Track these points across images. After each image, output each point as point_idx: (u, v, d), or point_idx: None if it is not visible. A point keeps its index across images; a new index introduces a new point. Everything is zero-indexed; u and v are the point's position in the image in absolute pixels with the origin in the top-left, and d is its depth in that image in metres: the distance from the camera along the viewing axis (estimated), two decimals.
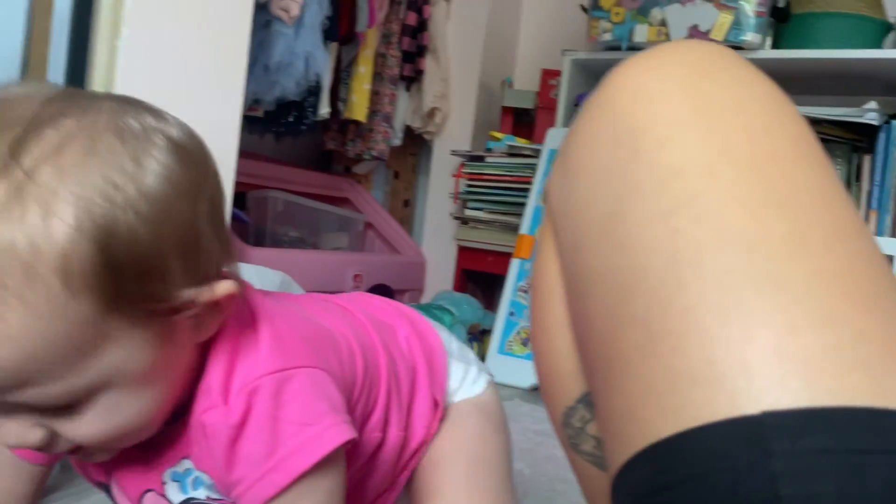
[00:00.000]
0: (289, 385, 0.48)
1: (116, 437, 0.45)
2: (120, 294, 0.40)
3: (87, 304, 0.39)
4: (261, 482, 0.47)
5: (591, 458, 0.49)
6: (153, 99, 1.88)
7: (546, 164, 2.26)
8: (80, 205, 0.38)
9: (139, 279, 0.40)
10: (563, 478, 1.23)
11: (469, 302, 2.32)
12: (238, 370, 0.48)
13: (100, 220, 0.38)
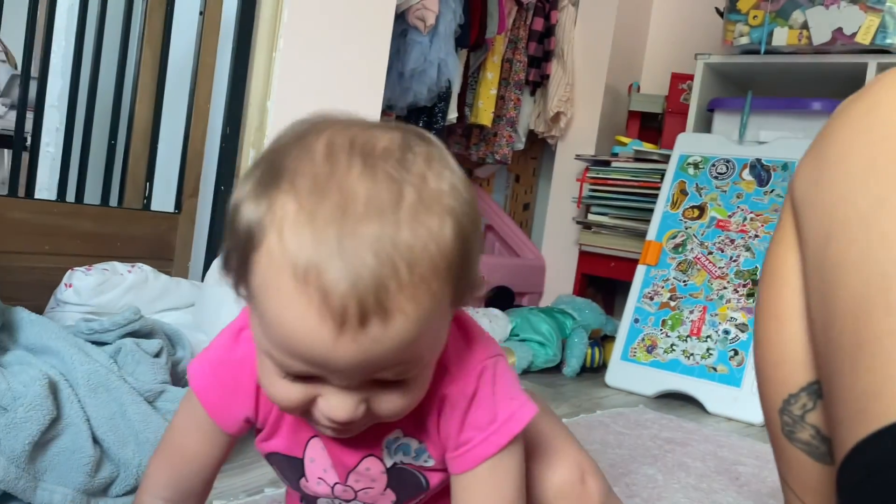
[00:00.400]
0: (497, 367, 0.58)
1: (407, 410, 0.51)
2: (459, 286, 0.47)
3: (449, 295, 0.47)
4: (485, 442, 0.57)
5: (806, 448, 0.51)
6: (304, 105, 2.03)
7: (676, 169, 2.23)
8: (453, 214, 0.45)
9: (467, 274, 0.48)
10: (696, 486, 1.23)
11: (591, 307, 2.32)
12: (467, 354, 0.58)
13: (461, 226, 0.46)
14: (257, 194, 0.45)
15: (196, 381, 0.59)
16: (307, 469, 0.61)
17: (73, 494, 0.87)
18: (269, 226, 0.43)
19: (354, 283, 0.41)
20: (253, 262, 0.44)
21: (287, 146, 0.47)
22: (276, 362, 0.47)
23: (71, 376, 0.94)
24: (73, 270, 1.33)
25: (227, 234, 0.48)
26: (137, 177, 1.55)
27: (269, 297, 0.43)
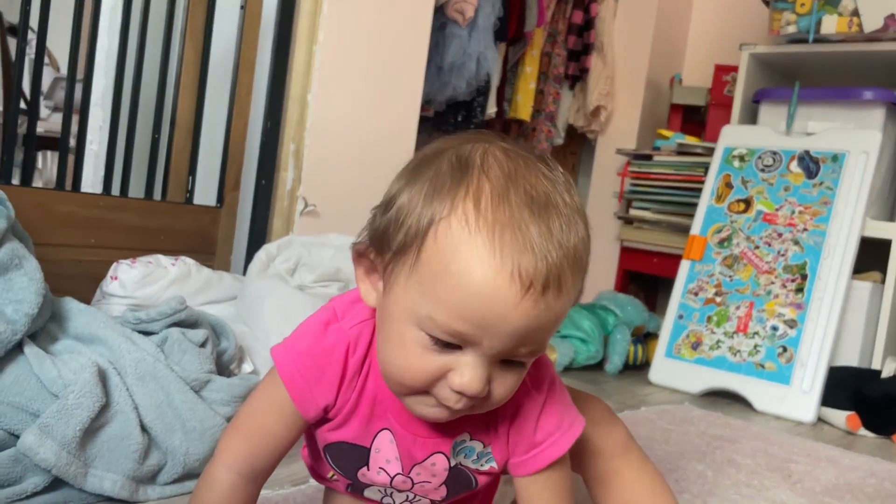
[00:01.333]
0: (557, 377, 0.66)
1: (508, 397, 0.57)
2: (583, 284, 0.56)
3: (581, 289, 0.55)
4: (554, 446, 0.64)
5: None
6: (343, 98, 2.02)
7: (720, 162, 2.18)
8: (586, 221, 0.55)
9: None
10: (747, 482, 1.20)
11: (633, 303, 2.28)
12: (537, 367, 0.64)
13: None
14: (446, 178, 0.53)
15: (283, 367, 0.61)
16: (371, 458, 0.64)
17: (122, 481, 0.87)
18: (466, 195, 0.51)
19: (545, 257, 0.50)
20: (441, 226, 0.51)
21: (451, 149, 0.55)
22: (434, 326, 0.51)
23: (119, 364, 0.95)
24: (119, 263, 1.34)
25: (387, 211, 0.55)
26: (180, 171, 1.56)
27: (460, 257, 0.50)
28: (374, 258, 0.57)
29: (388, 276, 0.55)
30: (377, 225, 0.56)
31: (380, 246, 0.55)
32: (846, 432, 1.76)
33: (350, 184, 1.76)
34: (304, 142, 1.66)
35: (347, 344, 0.61)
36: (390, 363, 0.56)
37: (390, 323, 0.55)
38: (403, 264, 0.53)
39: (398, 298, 0.53)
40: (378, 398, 0.62)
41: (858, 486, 1.28)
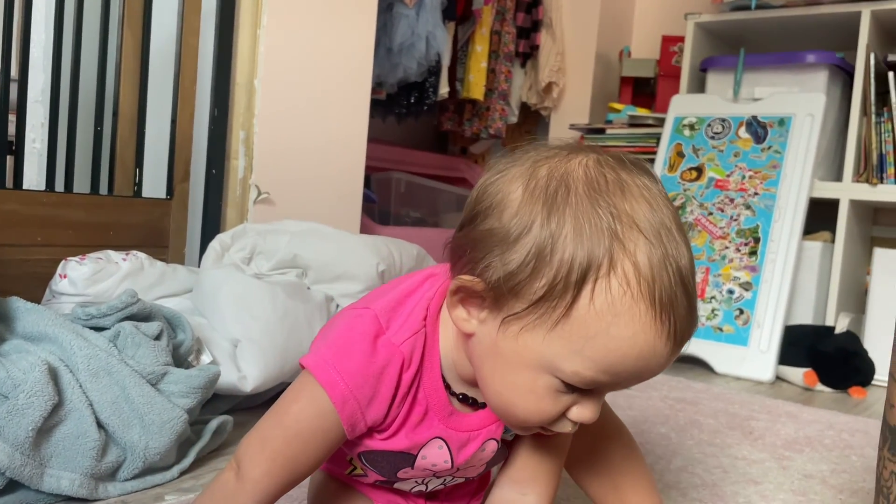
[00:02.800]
0: None
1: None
2: None
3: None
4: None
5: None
6: (292, 83, 1.99)
7: (671, 132, 2.21)
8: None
9: None
10: (709, 441, 1.22)
11: None
12: None
13: None
14: (594, 219, 0.50)
15: (334, 390, 0.57)
16: (417, 462, 0.63)
17: (80, 479, 0.85)
18: (624, 252, 0.49)
19: (690, 313, 0.51)
20: (599, 285, 0.49)
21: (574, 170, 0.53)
22: (578, 379, 0.51)
23: (70, 362, 0.92)
24: (67, 261, 1.31)
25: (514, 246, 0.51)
26: (126, 163, 1.52)
27: (622, 321, 0.49)
28: (488, 299, 0.53)
29: (511, 323, 0.52)
30: (503, 267, 0.51)
31: (504, 292, 0.51)
32: (804, 388, 1.80)
33: (303, 169, 1.74)
34: (254, 129, 1.63)
35: (402, 361, 0.58)
36: (516, 406, 0.55)
37: (515, 368, 0.53)
38: (543, 319, 0.50)
39: (532, 348, 0.52)
40: (430, 408, 0.61)
41: (817, 438, 1.31)
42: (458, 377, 0.61)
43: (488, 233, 0.52)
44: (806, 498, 1.00)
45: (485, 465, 0.68)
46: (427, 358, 0.59)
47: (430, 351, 0.59)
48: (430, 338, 0.59)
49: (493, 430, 0.64)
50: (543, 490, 0.67)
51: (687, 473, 1.06)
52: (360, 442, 0.61)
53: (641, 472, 0.76)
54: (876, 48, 2.04)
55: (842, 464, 1.17)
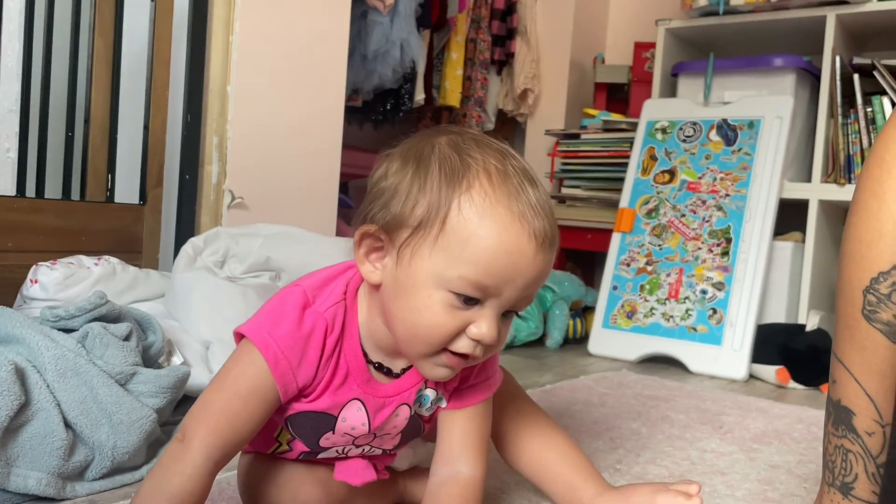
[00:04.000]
0: None
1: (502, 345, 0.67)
2: None
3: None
4: (487, 385, 0.75)
5: (885, 328, 0.53)
6: (265, 89, 1.99)
7: (644, 135, 2.24)
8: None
9: None
10: (679, 436, 1.23)
11: (570, 279, 2.32)
12: None
13: None
14: (455, 161, 0.62)
15: (267, 351, 0.64)
16: (338, 425, 0.70)
17: (47, 479, 0.85)
18: (478, 173, 0.61)
19: (545, 218, 0.61)
20: (463, 199, 0.60)
21: (440, 138, 0.64)
22: (465, 284, 0.60)
23: (38, 362, 0.92)
24: (38, 265, 1.30)
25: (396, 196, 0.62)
26: (98, 169, 1.52)
27: (486, 223, 0.59)
28: (383, 238, 0.63)
29: (403, 251, 0.62)
30: (389, 209, 0.62)
31: (393, 226, 0.62)
32: (776, 386, 1.83)
33: (278, 175, 1.75)
34: (227, 134, 1.63)
35: (326, 326, 0.66)
36: (418, 325, 0.62)
37: (414, 291, 0.61)
38: (426, 237, 0.60)
39: (422, 266, 0.61)
40: (350, 372, 0.68)
41: (786, 431, 1.33)
42: (375, 346, 0.69)
43: (377, 192, 0.64)
44: (771, 487, 1.02)
45: (399, 436, 0.74)
46: (347, 326, 0.68)
47: (350, 321, 0.68)
48: (350, 310, 0.68)
49: (405, 396, 0.71)
50: (473, 462, 0.73)
51: (654, 465, 1.08)
52: (288, 406, 0.68)
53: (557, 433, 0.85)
54: (842, 51, 2.09)
55: (808, 454, 1.19)
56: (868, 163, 0.56)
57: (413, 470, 0.88)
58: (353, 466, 0.74)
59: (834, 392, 0.58)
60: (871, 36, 2.23)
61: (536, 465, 0.83)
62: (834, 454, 0.59)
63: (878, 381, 0.54)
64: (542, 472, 0.83)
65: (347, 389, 0.68)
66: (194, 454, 0.62)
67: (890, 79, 1.99)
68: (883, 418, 0.55)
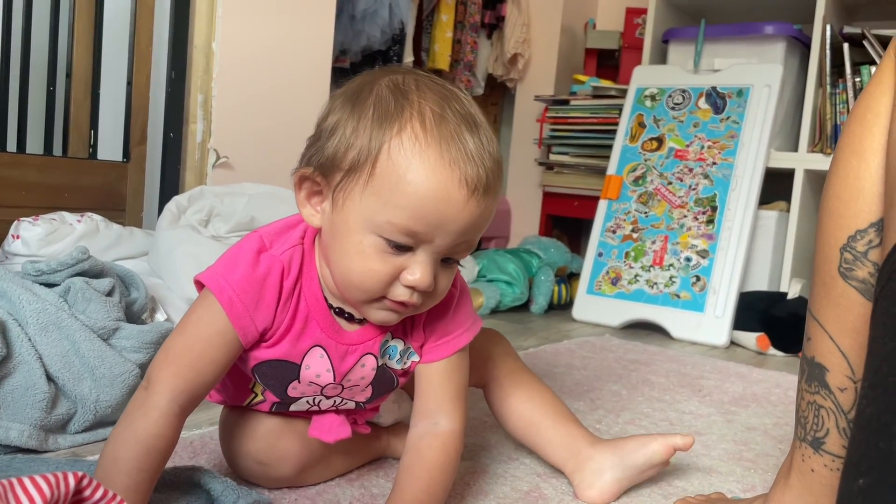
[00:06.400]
0: (464, 281, 0.77)
1: (442, 296, 0.67)
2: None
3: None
4: (461, 336, 0.74)
5: (861, 286, 0.54)
6: (250, 46, 1.96)
7: (633, 102, 2.23)
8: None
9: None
10: (659, 398, 1.25)
11: (556, 246, 2.33)
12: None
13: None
14: (389, 102, 0.60)
15: (222, 295, 0.64)
16: (302, 373, 0.70)
17: (29, 430, 0.85)
18: (411, 116, 0.59)
19: (482, 165, 0.60)
20: (393, 143, 0.59)
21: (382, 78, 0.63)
22: (393, 229, 0.59)
23: (19, 315, 0.92)
24: (20, 221, 1.29)
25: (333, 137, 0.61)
26: (81, 125, 1.50)
27: (413, 167, 0.58)
28: (319, 181, 0.63)
29: (337, 195, 0.61)
30: (324, 151, 0.62)
31: (328, 169, 0.62)
32: (756, 352, 1.85)
33: (263, 134, 1.73)
34: (212, 92, 1.61)
35: (282, 268, 0.66)
36: (351, 271, 0.62)
37: (346, 235, 0.61)
38: (357, 180, 0.60)
39: (354, 210, 0.60)
40: (310, 317, 0.68)
41: (764, 395, 1.35)
42: (331, 292, 0.69)
43: (317, 134, 0.64)
44: (747, 447, 1.04)
45: (370, 388, 0.74)
46: (305, 270, 0.68)
47: (308, 264, 0.68)
48: (308, 254, 0.68)
49: (369, 345, 0.71)
50: (452, 414, 0.73)
51: (633, 426, 1.09)
52: (251, 355, 0.68)
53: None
54: (832, 20, 2.08)
55: (785, 417, 1.21)
56: (849, 121, 0.56)
57: (397, 426, 0.88)
58: (328, 422, 0.74)
59: (808, 349, 0.59)
60: (861, 5, 2.22)
61: (526, 425, 0.85)
62: (806, 410, 0.60)
63: (851, 338, 0.55)
64: (534, 431, 0.84)
65: (309, 335, 0.68)
66: (158, 398, 0.62)
67: (879, 48, 1.98)
68: (855, 374, 0.56)
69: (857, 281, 0.53)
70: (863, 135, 0.54)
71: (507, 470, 0.87)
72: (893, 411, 0.38)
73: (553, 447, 0.83)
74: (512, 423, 0.86)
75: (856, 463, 0.40)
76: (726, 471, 0.93)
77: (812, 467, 0.61)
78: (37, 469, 0.73)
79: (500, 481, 0.84)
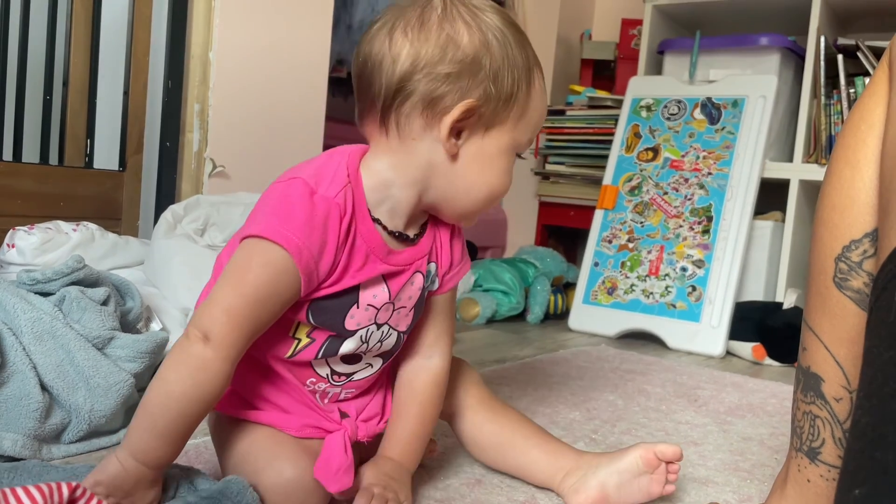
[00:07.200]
0: None
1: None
2: None
3: None
4: (463, 269, 0.81)
5: (856, 296, 0.54)
6: (247, 56, 1.96)
7: (629, 113, 2.24)
8: None
9: None
10: (655, 408, 1.25)
11: (552, 255, 2.33)
12: None
13: None
14: (508, 34, 0.68)
15: (291, 245, 0.63)
16: (361, 296, 0.71)
17: (23, 440, 0.85)
18: (532, 52, 0.71)
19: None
20: (535, 73, 0.70)
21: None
22: (526, 143, 0.72)
23: (14, 325, 0.92)
24: (15, 230, 1.29)
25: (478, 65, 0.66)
26: (77, 134, 1.50)
27: (538, 93, 0.71)
28: (485, 113, 0.67)
29: (493, 123, 0.68)
30: (489, 81, 0.66)
31: (498, 98, 0.67)
32: (752, 362, 1.85)
33: (260, 144, 1.73)
34: (209, 101, 1.61)
35: (339, 211, 0.66)
36: (495, 186, 0.70)
37: (497, 158, 0.70)
38: (512, 106, 0.68)
39: (508, 136, 0.69)
40: (370, 253, 0.69)
41: (760, 405, 1.35)
42: (398, 214, 0.71)
43: (461, 68, 0.66)
44: (743, 457, 1.04)
45: (412, 313, 0.77)
46: (357, 207, 0.68)
47: (359, 201, 0.69)
48: (357, 190, 0.68)
49: (419, 264, 0.75)
50: (444, 352, 0.81)
51: (629, 436, 1.09)
52: (325, 289, 0.68)
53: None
54: (826, 32, 2.09)
55: (781, 427, 1.21)
56: (843, 132, 0.56)
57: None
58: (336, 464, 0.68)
59: (804, 359, 0.59)
60: (855, 17, 2.23)
61: (507, 448, 0.85)
62: (802, 420, 0.60)
63: (847, 348, 0.55)
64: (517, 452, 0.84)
65: (369, 268, 0.69)
66: (220, 358, 0.62)
67: (873, 60, 2.00)
68: (850, 384, 0.56)
69: (852, 291, 0.54)
70: (857, 145, 0.54)
71: (503, 480, 0.87)
72: (889, 421, 0.38)
73: (539, 465, 0.83)
74: (489, 448, 0.86)
75: (852, 473, 0.40)
76: (723, 481, 0.93)
77: (808, 477, 0.61)
78: (48, 476, 0.73)
79: (496, 491, 0.84)
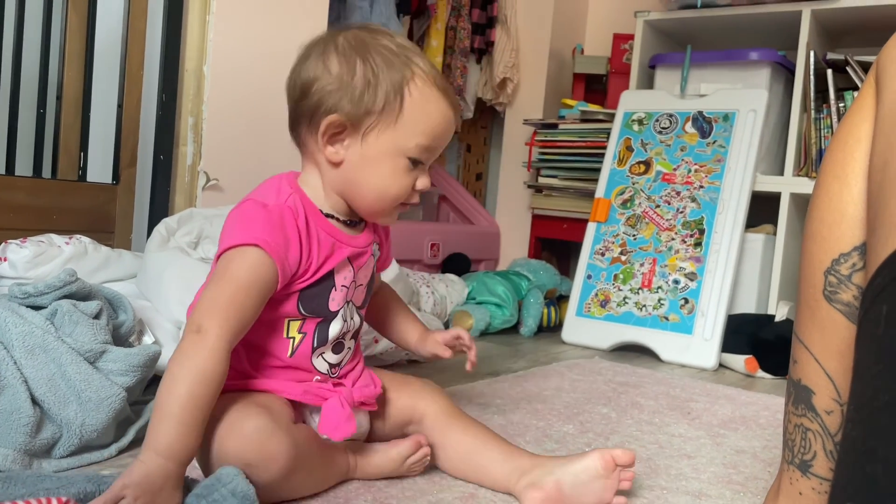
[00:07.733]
0: None
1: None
2: None
3: None
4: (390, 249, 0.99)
5: (845, 309, 0.54)
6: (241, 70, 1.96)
7: (621, 126, 2.25)
8: None
9: None
10: (648, 421, 1.25)
11: (545, 268, 2.34)
12: None
13: None
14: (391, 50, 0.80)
15: (259, 240, 0.74)
16: (336, 279, 0.84)
17: (13, 455, 0.84)
18: (416, 58, 0.81)
19: (453, 92, 0.84)
20: (412, 84, 0.80)
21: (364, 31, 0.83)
22: (420, 149, 0.81)
23: (5, 339, 0.91)
24: (8, 243, 1.29)
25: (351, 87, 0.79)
26: (70, 147, 1.50)
27: (431, 100, 0.81)
28: (347, 124, 0.79)
29: (369, 132, 0.79)
30: (347, 99, 0.78)
31: (359, 113, 0.78)
32: (745, 375, 1.86)
33: (253, 157, 1.73)
34: (203, 115, 1.62)
35: (291, 212, 0.79)
36: (388, 187, 0.82)
37: (380, 162, 0.80)
38: (389, 116, 0.79)
39: (389, 140, 0.80)
40: (335, 240, 0.83)
41: (752, 418, 1.36)
42: (342, 211, 0.85)
43: (330, 90, 0.79)
44: (736, 470, 1.04)
45: (365, 290, 0.90)
46: (308, 208, 0.82)
47: (307, 203, 0.82)
48: (302, 197, 0.82)
49: (368, 247, 0.89)
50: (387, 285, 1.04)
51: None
52: (293, 292, 0.80)
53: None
54: (816, 46, 2.11)
55: (774, 440, 1.21)
56: (831, 146, 0.57)
57: (362, 447, 0.89)
58: (336, 417, 0.81)
59: (794, 372, 0.60)
60: (845, 32, 2.26)
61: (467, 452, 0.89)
62: (793, 433, 0.61)
63: (837, 361, 0.55)
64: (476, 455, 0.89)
65: (339, 254, 0.83)
66: (213, 341, 0.72)
67: (862, 74, 2.02)
68: (841, 397, 0.56)
69: (842, 304, 0.54)
70: (845, 160, 0.54)
71: (495, 495, 0.87)
72: (879, 435, 0.38)
73: (497, 465, 0.86)
74: (451, 454, 0.90)
75: (843, 486, 0.40)
76: (716, 494, 0.93)
77: (800, 490, 0.61)
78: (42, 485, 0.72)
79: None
